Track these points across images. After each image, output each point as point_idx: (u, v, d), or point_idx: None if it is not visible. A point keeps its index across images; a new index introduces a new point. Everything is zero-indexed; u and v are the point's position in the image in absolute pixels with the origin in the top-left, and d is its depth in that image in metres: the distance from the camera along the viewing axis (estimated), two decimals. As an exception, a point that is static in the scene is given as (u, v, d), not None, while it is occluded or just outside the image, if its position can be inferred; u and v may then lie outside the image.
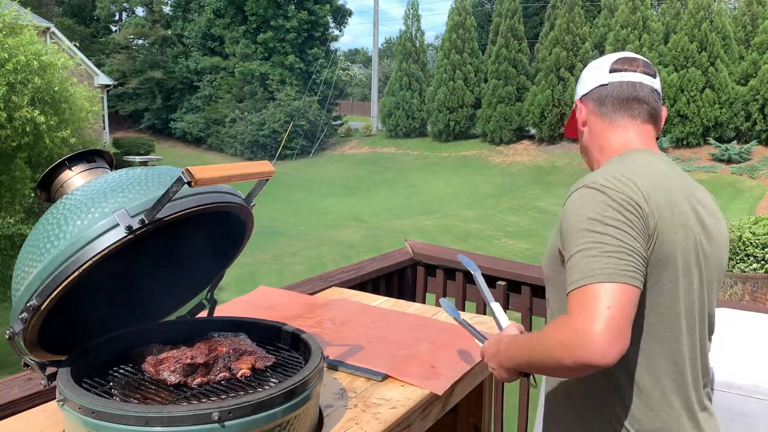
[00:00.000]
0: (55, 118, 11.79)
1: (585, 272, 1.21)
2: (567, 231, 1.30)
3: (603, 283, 1.19)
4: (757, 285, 11.30)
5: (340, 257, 17.11)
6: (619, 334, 1.16)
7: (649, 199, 1.30)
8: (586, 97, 1.55)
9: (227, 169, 1.34)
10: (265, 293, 2.51)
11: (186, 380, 1.44)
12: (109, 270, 1.39)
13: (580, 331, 1.16)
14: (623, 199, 1.27)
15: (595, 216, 1.26)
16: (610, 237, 1.23)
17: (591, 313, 1.17)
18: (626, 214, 1.26)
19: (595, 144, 1.54)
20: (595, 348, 1.14)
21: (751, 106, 27.16)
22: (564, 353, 1.19)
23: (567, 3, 31.01)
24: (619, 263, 1.21)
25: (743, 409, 1.76)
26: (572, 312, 1.21)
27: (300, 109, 36.03)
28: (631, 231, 1.25)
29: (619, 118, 1.50)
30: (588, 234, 1.25)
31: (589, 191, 1.31)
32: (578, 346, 1.16)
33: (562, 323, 1.22)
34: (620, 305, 1.18)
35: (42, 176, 1.51)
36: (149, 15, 42.54)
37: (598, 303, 1.17)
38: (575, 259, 1.25)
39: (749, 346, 1.98)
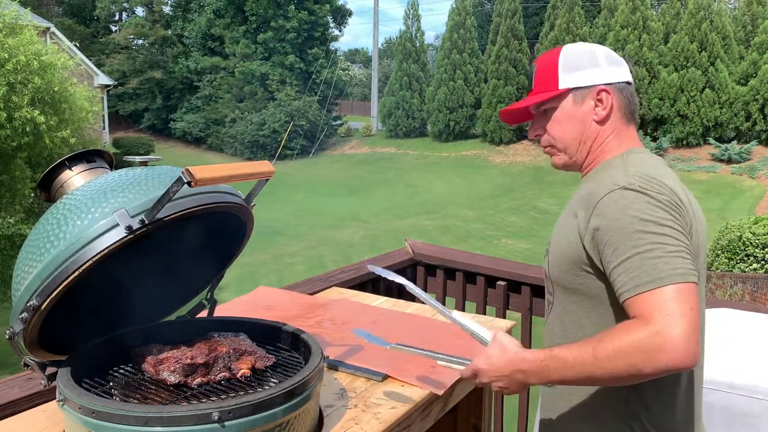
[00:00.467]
0: (55, 118, 11.80)
1: (655, 274, 1.19)
2: (613, 234, 1.26)
3: (680, 284, 1.17)
4: (757, 285, 11.30)
5: (340, 257, 17.12)
6: (699, 335, 1.16)
7: (682, 201, 1.31)
8: (612, 87, 1.48)
9: (227, 169, 1.34)
10: (265, 293, 2.51)
11: (186, 380, 1.44)
12: (110, 270, 1.39)
13: (668, 335, 1.12)
14: (667, 200, 1.27)
15: (647, 217, 1.24)
16: (669, 237, 1.22)
17: (676, 316, 1.14)
18: (674, 214, 1.26)
19: (604, 139, 1.48)
20: (683, 351, 1.12)
21: (751, 106, 27.16)
22: (646, 359, 1.14)
23: (567, 3, 31.01)
24: (686, 263, 1.20)
25: (743, 409, 1.76)
26: (651, 316, 1.16)
27: (300, 109, 36.03)
28: (682, 230, 1.25)
29: (632, 120, 1.51)
30: (645, 235, 1.22)
31: (631, 193, 1.28)
32: (666, 351, 1.12)
33: (638, 328, 1.16)
34: (697, 306, 1.17)
35: (42, 176, 1.51)
36: (149, 15, 42.55)
37: (680, 305, 1.15)
38: (635, 262, 1.21)
39: (749, 346, 1.98)
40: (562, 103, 1.48)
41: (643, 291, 1.19)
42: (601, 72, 1.47)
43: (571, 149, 1.50)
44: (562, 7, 31.28)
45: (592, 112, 1.47)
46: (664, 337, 1.13)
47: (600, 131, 1.48)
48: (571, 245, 1.38)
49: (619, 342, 1.17)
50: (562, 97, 1.48)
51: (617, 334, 1.19)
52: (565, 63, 1.47)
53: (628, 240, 1.23)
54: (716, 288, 12.04)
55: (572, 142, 1.50)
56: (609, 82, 1.47)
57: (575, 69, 1.47)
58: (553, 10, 32.04)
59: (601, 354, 1.19)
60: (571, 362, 1.24)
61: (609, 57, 1.49)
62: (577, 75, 1.47)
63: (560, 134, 1.50)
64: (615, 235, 1.25)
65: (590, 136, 1.48)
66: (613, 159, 1.45)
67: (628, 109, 1.49)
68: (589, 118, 1.47)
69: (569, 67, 1.47)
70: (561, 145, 1.51)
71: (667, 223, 1.24)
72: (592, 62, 1.47)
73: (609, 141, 1.48)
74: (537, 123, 1.55)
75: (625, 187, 1.29)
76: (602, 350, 1.19)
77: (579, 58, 1.48)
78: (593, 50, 1.49)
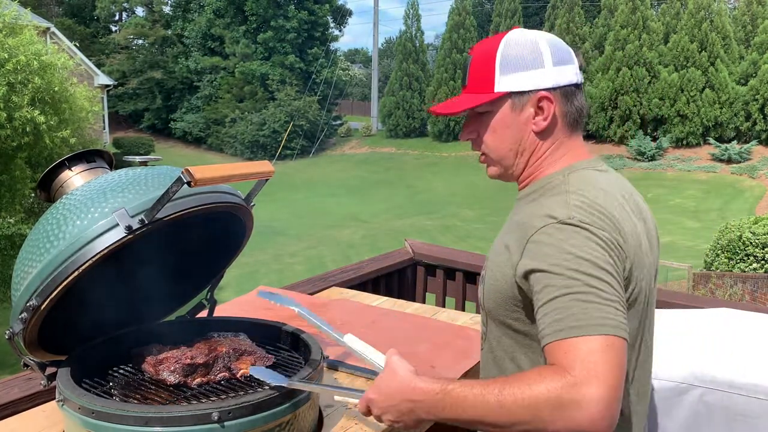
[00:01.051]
0: (55, 118, 11.80)
1: (584, 320, 1.04)
2: (545, 272, 1.11)
3: (611, 336, 1.02)
4: (757, 285, 11.31)
5: (340, 257, 17.12)
6: (620, 400, 1.01)
7: (625, 237, 1.16)
8: (556, 93, 1.27)
9: (227, 169, 1.34)
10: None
11: (186, 380, 1.44)
12: (109, 270, 1.39)
13: (585, 392, 0.98)
14: (607, 237, 1.12)
15: (584, 255, 1.09)
16: (605, 283, 1.07)
17: (600, 372, 0.99)
18: (613, 256, 1.12)
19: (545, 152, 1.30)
20: (598, 414, 0.97)
21: (751, 106, 27.16)
22: (555, 415, 0.99)
23: (567, 3, 31.02)
24: (619, 315, 1.05)
25: (743, 409, 1.76)
26: (572, 366, 1.01)
27: (300, 109, 36.04)
28: (618, 277, 1.11)
29: (577, 128, 1.32)
30: (579, 275, 1.07)
31: (568, 228, 1.12)
32: (580, 410, 0.98)
33: (554, 377, 1.01)
34: (624, 365, 1.03)
35: (42, 176, 1.51)
36: (149, 15, 42.55)
37: (608, 359, 1.00)
38: (563, 302, 1.06)
39: (749, 346, 1.98)
40: (500, 110, 1.28)
41: (567, 337, 1.03)
42: (545, 74, 1.25)
43: (507, 161, 1.32)
44: (562, 7, 31.29)
45: (531, 122, 1.28)
46: (581, 393, 0.98)
47: (539, 143, 1.29)
48: (505, 279, 1.22)
49: (529, 390, 1.02)
50: (499, 101, 1.28)
51: (529, 380, 1.03)
52: (504, 60, 1.26)
53: (560, 278, 1.08)
54: (716, 288, 12.04)
55: (508, 153, 1.31)
56: (553, 87, 1.26)
57: (515, 69, 1.26)
58: (553, 10, 32.05)
59: (507, 399, 1.03)
60: (470, 401, 1.07)
61: (556, 54, 1.27)
62: (517, 77, 1.26)
63: (495, 144, 1.31)
64: (546, 274, 1.10)
65: (528, 147, 1.30)
66: (554, 176, 1.27)
67: (572, 116, 1.29)
68: (528, 128, 1.28)
69: (508, 67, 1.26)
70: (495, 155, 1.33)
71: (606, 267, 1.09)
72: (535, 62, 1.26)
73: (549, 154, 1.30)
74: (470, 125, 1.35)
75: (562, 221, 1.13)
76: (509, 395, 1.03)
77: (520, 55, 1.26)
78: (537, 45, 1.27)
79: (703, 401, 1.80)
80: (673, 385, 1.82)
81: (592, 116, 30.32)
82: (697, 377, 1.81)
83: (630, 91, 29.11)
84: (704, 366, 1.83)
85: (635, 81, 28.93)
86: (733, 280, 11.87)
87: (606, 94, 29.62)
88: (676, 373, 1.83)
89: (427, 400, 1.13)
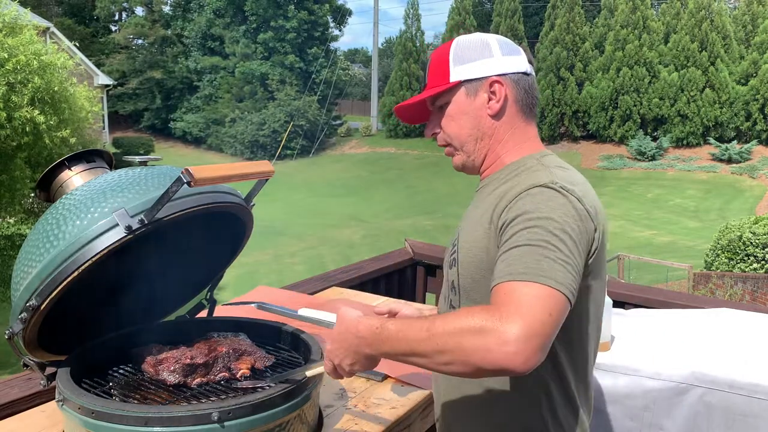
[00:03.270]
0: (55, 118, 11.80)
1: (535, 269, 1.08)
2: (517, 222, 1.16)
3: (554, 289, 1.06)
4: (757, 285, 11.30)
5: (340, 257, 17.13)
6: (546, 346, 1.03)
7: (599, 217, 1.23)
8: (506, 78, 1.34)
9: (227, 169, 1.34)
10: (264, 293, 2.50)
11: (186, 380, 1.43)
12: (109, 270, 1.39)
13: (512, 329, 1.00)
14: (582, 210, 1.19)
15: (556, 217, 1.15)
16: (567, 247, 1.12)
17: (531, 313, 1.02)
18: (582, 229, 1.17)
19: (503, 136, 1.36)
20: (522, 354, 1.00)
21: (751, 105, 27.17)
22: (480, 348, 1.01)
23: (567, 3, 31.02)
24: (569, 278, 1.09)
25: (744, 409, 1.75)
26: (507, 305, 1.04)
27: (300, 109, 36.04)
28: (580, 251, 1.15)
29: (531, 116, 1.39)
30: (543, 233, 1.12)
31: (550, 191, 1.19)
32: (503, 344, 1.00)
33: (483, 312, 1.04)
34: (558, 319, 1.06)
35: (41, 176, 1.51)
36: (149, 15, 42.55)
37: (542, 305, 1.04)
38: (522, 251, 1.11)
39: (749, 346, 1.98)
40: (455, 98, 1.36)
41: (511, 280, 1.07)
42: (494, 62, 1.34)
43: (468, 147, 1.38)
44: (562, 6, 31.28)
45: (485, 106, 1.35)
46: (503, 327, 1.00)
47: (496, 127, 1.36)
48: (487, 251, 1.25)
49: (458, 321, 1.05)
50: (454, 90, 1.36)
51: (461, 314, 1.07)
52: (456, 54, 1.37)
53: (526, 231, 1.13)
54: (716, 288, 12.04)
55: (468, 138, 1.38)
56: (502, 73, 1.34)
57: (466, 60, 1.36)
58: (553, 9, 32.05)
59: (436, 329, 1.06)
60: (404, 332, 1.11)
61: (504, 46, 1.37)
62: (469, 66, 1.35)
63: (455, 131, 1.38)
64: (517, 224, 1.16)
65: (486, 132, 1.36)
66: (526, 159, 1.34)
67: (525, 102, 1.36)
68: (483, 112, 1.35)
69: (460, 59, 1.36)
70: (457, 142, 1.39)
71: (571, 233, 1.14)
72: (485, 52, 1.35)
73: (508, 139, 1.37)
74: (433, 121, 1.43)
75: (545, 184, 1.20)
76: (439, 325, 1.07)
77: (470, 48, 1.37)
78: (486, 40, 1.37)
79: (703, 401, 1.80)
80: (673, 385, 1.83)
81: (592, 116, 30.34)
82: (697, 377, 1.81)
83: (630, 90, 29.12)
84: (704, 366, 1.83)
85: (635, 81, 28.94)
86: (733, 280, 11.87)
87: (606, 93, 29.63)
88: (676, 373, 1.83)
89: (368, 335, 1.17)
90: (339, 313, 1.28)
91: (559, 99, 30.65)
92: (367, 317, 1.21)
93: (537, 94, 1.40)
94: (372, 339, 1.17)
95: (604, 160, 29.26)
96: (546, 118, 30.65)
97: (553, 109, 30.71)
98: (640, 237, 19.99)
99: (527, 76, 1.37)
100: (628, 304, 2.59)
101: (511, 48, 1.37)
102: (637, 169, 28.08)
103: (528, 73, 1.37)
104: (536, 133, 1.40)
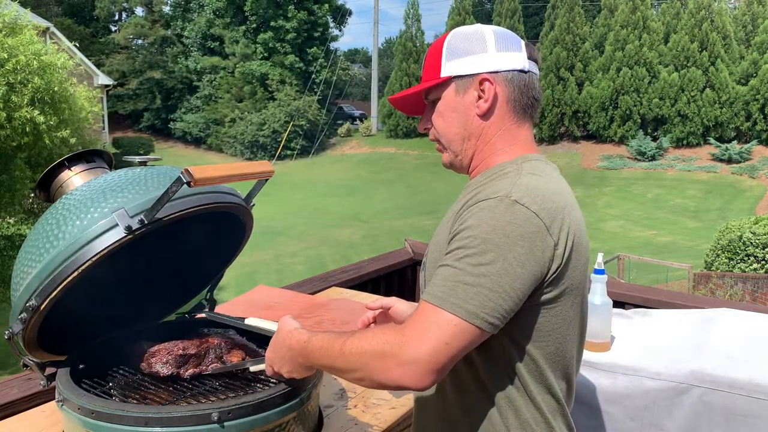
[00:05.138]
0: (55, 118, 11.80)
1: (449, 295, 1.09)
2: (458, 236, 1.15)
3: (460, 318, 1.08)
4: (757, 285, 11.30)
5: (340, 257, 17.12)
6: (441, 370, 1.08)
7: (559, 228, 1.17)
8: (498, 76, 1.28)
9: (227, 169, 1.34)
10: (263, 292, 2.51)
11: (179, 371, 1.44)
12: (109, 270, 1.39)
13: (408, 354, 1.07)
14: (534, 227, 1.13)
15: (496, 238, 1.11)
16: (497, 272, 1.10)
17: (429, 340, 1.07)
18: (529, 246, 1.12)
19: (491, 137, 1.31)
20: (415, 375, 1.07)
21: (751, 105, 27.17)
22: (381, 369, 1.09)
23: (567, 3, 31.03)
24: (486, 305, 1.09)
25: (744, 409, 1.75)
26: (411, 327, 1.10)
27: (300, 109, 36.04)
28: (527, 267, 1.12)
29: (526, 117, 1.32)
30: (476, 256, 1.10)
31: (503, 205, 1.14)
32: (400, 365, 1.07)
33: (391, 333, 1.11)
34: (459, 348, 1.09)
35: (41, 176, 1.51)
36: (149, 15, 42.56)
37: (441, 334, 1.07)
38: (447, 273, 1.12)
39: (749, 346, 1.98)
40: (444, 93, 1.31)
41: (428, 301, 1.11)
42: (486, 58, 1.27)
43: (455, 146, 1.34)
44: (562, 6, 31.29)
45: (474, 105, 1.29)
46: (401, 351, 1.08)
47: (484, 127, 1.30)
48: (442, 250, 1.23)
49: (366, 342, 1.12)
50: (444, 86, 1.31)
51: (372, 333, 1.14)
52: (449, 48, 1.30)
53: (459, 251, 1.12)
54: (716, 288, 12.05)
55: (455, 137, 1.33)
56: (494, 70, 1.27)
57: (458, 55, 1.29)
58: (553, 9, 32.06)
59: (348, 348, 1.14)
60: (325, 349, 1.18)
61: (501, 41, 1.29)
62: (460, 62, 1.29)
63: (443, 128, 1.34)
64: (457, 240, 1.15)
65: (473, 132, 1.31)
66: (506, 164, 1.27)
67: (519, 102, 1.29)
68: (472, 111, 1.29)
69: (453, 53, 1.30)
70: (444, 140, 1.35)
71: (510, 256, 1.10)
72: (478, 47, 1.28)
73: (496, 140, 1.30)
74: (426, 115, 1.38)
75: (500, 197, 1.15)
76: (350, 345, 1.14)
77: (464, 42, 1.30)
78: (482, 33, 1.29)
79: (703, 401, 1.80)
80: (673, 385, 1.82)
81: (592, 116, 30.34)
82: (697, 377, 1.81)
83: (630, 91, 29.13)
84: (704, 366, 1.83)
85: (635, 81, 28.94)
86: (733, 280, 11.87)
87: (606, 93, 29.63)
88: (676, 373, 1.83)
89: (298, 347, 1.24)
90: (279, 322, 1.32)
91: (559, 99, 30.65)
92: (299, 330, 1.25)
93: (536, 94, 1.31)
94: (301, 351, 1.23)
95: (604, 160, 29.27)
96: (546, 118, 30.66)
97: (553, 109, 30.71)
98: (640, 237, 20.00)
99: (524, 74, 1.29)
100: (628, 304, 2.59)
101: (509, 43, 1.29)
102: (637, 169, 28.09)
103: (526, 70, 1.29)
104: (529, 135, 1.33)
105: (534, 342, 1.21)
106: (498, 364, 1.22)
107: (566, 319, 1.24)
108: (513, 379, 1.22)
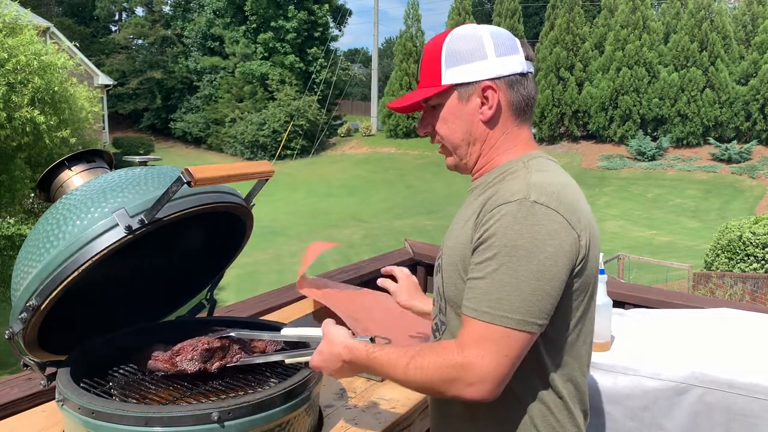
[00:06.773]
0: (55, 118, 11.80)
1: (496, 308, 1.15)
2: (489, 246, 1.18)
3: (512, 329, 1.14)
4: (757, 285, 11.31)
5: (340, 257, 17.11)
6: (507, 378, 1.17)
7: (583, 221, 1.22)
8: (500, 82, 1.30)
9: (227, 169, 1.34)
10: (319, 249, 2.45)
11: (205, 366, 1.44)
12: (109, 270, 1.39)
13: (473, 375, 1.15)
14: (557, 223, 1.17)
15: (524, 243, 1.15)
16: (532, 274, 1.14)
17: (489, 359, 1.14)
18: (557, 243, 1.16)
19: (495, 141, 1.34)
20: (483, 391, 1.15)
21: (751, 105, 27.18)
22: (446, 387, 1.18)
23: (567, 3, 31.03)
24: (532, 308, 1.15)
25: (743, 409, 1.75)
26: (469, 348, 1.16)
27: (300, 109, 36.04)
28: (559, 265, 1.17)
29: (526, 117, 1.35)
30: (510, 264, 1.15)
31: (526, 206, 1.17)
32: (468, 386, 1.15)
33: (452, 353, 1.17)
34: (517, 355, 1.16)
35: (41, 176, 1.51)
36: (149, 15, 42.56)
37: (498, 349, 1.15)
38: (487, 286, 1.16)
39: (749, 346, 1.98)
40: (447, 101, 1.34)
41: (475, 317, 1.16)
42: (488, 65, 1.30)
43: (461, 151, 1.37)
44: (562, 6, 31.29)
45: (478, 111, 1.32)
46: (465, 373, 1.15)
47: (489, 132, 1.34)
48: (464, 262, 1.26)
49: (432, 361, 1.19)
50: (446, 93, 1.33)
51: (434, 353, 1.20)
52: (449, 54, 1.32)
53: (493, 261, 1.17)
54: (716, 288, 12.05)
55: (460, 143, 1.35)
56: (496, 77, 1.30)
57: (459, 62, 1.31)
58: (553, 9, 32.05)
59: (413, 367, 1.21)
60: (387, 367, 1.26)
61: (499, 45, 1.31)
62: (461, 69, 1.31)
63: (447, 134, 1.36)
64: (485, 250, 1.18)
65: (479, 137, 1.34)
66: (512, 163, 1.31)
67: (519, 105, 1.33)
68: (476, 118, 1.32)
69: (452, 60, 1.31)
70: (449, 145, 1.37)
71: (542, 257, 1.15)
72: (478, 53, 1.30)
73: (500, 143, 1.34)
74: (426, 119, 1.40)
75: (519, 200, 1.18)
76: (415, 364, 1.21)
77: (463, 48, 1.31)
78: (480, 37, 1.31)
79: (703, 401, 1.80)
80: (673, 385, 1.82)
81: (592, 116, 30.34)
82: (697, 377, 1.81)
83: (630, 91, 29.13)
84: (704, 366, 1.83)
85: (635, 81, 28.94)
86: (733, 280, 11.87)
87: (606, 93, 29.63)
88: (676, 373, 1.83)
89: (355, 361, 1.31)
90: (326, 331, 1.37)
91: (559, 99, 30.66)
92: (356, 347, 1.31)
93: (534, 94, 1.34)
94: (358, 365, 1.31)
95: (604, 160, 29.27)
96: (546, 118, 30.66)
97: (553, 109, 30.71)
98: (640, 237, 20.00)
99: (523, 77, 1.32)
100: (628, 304, 2.59)
101: (507, 46, 1.31)
102: (637, 169, 28.09)
103: (525, 72, 1.32)
104: (529, 134, 1.37)
105: (558, 331, 1.25)
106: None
107: (586, 308, 1.29)
108: (536, 367, 1.26)
